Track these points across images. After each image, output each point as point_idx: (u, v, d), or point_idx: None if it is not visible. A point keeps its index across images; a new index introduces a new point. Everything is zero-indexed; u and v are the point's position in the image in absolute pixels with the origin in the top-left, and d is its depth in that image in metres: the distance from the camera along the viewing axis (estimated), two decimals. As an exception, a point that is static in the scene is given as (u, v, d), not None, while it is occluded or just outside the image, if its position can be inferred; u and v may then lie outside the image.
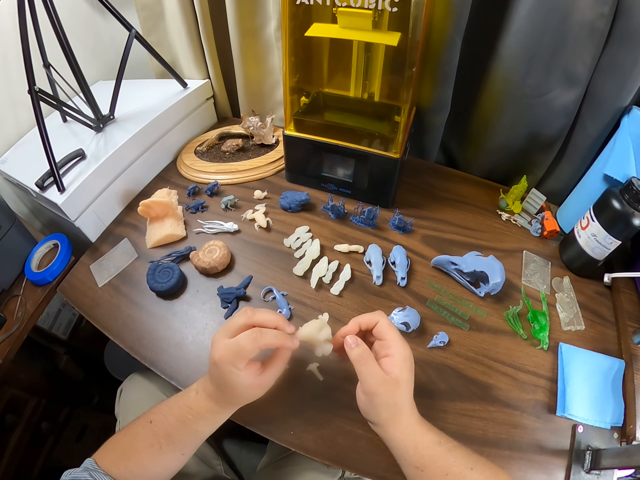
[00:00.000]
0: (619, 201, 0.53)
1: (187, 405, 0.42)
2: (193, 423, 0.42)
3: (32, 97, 0.63)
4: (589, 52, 0.56)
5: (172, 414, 0.42)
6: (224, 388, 0.41)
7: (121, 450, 0.42)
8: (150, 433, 0.42)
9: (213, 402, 0.42)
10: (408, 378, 0.39)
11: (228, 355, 0.38)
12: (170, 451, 0.42)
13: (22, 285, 0.70)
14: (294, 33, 0.59)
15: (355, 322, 0.42)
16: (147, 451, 0.41)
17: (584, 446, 0.47)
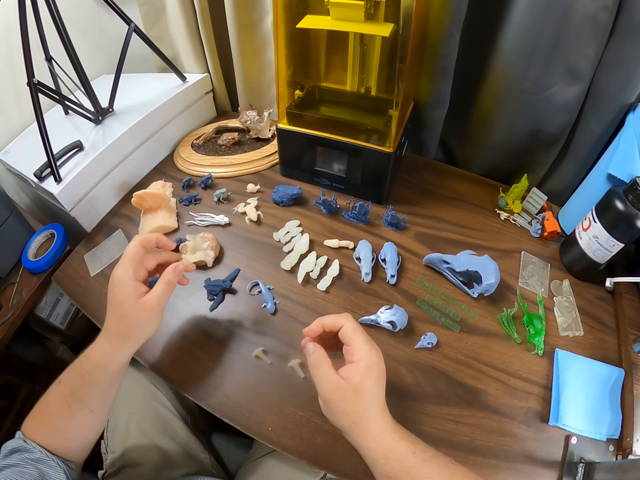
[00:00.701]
0: (623, 202, 0.50)
1: (85, 356, 0.43)
2: (89, 374, 0.42)
3: (31, 89, 0.64)
4: (592, 46, 0.54)
5: (74, 369, 0.43)
6: (114, 310, 0.43)
7: (38, 417, 0.42)
8: (58, 393, 0.42)
9: (106, 342, 0.43)
10: (372, 386, 0.37)
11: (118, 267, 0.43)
12: (78, 409, 0.42)
13: (19, 273, 0.71)
14: (287, 25, 0.59)
15: (319, 323, 0.40)
16: (58, 413, 0.42)
17: (576, 458, 0.44)
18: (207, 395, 0.49)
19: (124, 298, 0.42)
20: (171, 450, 0.58)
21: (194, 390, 0.50)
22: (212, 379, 0.51)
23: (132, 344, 0.45)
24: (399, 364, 0.51)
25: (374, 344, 0.39)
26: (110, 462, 0.57)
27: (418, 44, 0.60)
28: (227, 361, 0.52)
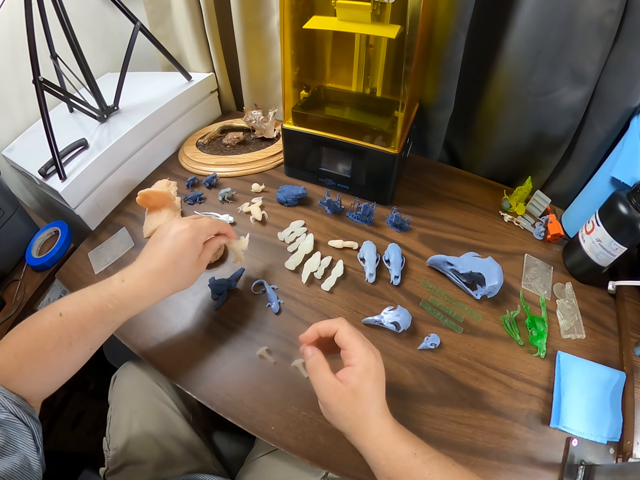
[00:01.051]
0: (626, 206, 0.50)
1: (110, 294, 0.42)
2: (113, 313, 0.41)
3: (37, 87, 0.64)
4: (598, 49, 0.54)
5: (90, 304, 0.41)
6: (176, 257, 0.45)
7: (24, 353, 0.38)
8: (60, 327, 0.39)
9: (145, 284, 0.44)
10: (371, 388, 0.37)
11: (197, 225, 0.48)
12: (80, 347, 0.40)
13: (23, 270, 0.71)
14: (293, 26, 0.59)
15: (314, 329, 0.40)
16: (55, 350, 0.39)
17: (577, 460, 0.45)
18: (210, 393, 0.49)
19: (191, 252, 0.47)
20: (173, 448, 0.58)
21: (197, 388, 0.50)
22: (215, 377, 0.51)
23: (168, 293, 0.47)
24: (402, 365, 0.51)
25: (371, 346, 0.40)
26: (112, 459, 0.57)
27: (424, 45, 0.60)
28: (230, 360, 0.52)
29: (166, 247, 0.46)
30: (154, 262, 0.45)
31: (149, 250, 0.47)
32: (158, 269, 0.45)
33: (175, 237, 0.46)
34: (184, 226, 0.47)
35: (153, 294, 0.45)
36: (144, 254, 0.47)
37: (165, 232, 0.47)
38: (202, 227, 0.48)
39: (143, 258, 0.46)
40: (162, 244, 0.46)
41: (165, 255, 0.45)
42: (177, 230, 0.47)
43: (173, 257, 0.45)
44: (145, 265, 0.45)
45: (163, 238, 0.47)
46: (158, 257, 0.45)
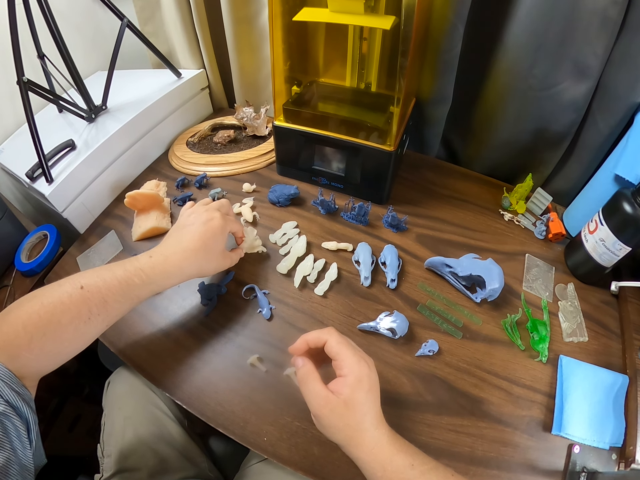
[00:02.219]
0: (631, 204, 0.49)
1: (138, 268, 0.42)
2: (139, 287, 0.42)
3: (21, 88, 0.62)
4: (601, 42, 0.52)
5: (115, 277, 0.41)
6: (208, 240, 0.48)
7: (36, 327, 0.36)
8: (80, 300, 0.38)
9: (174, 262, 0.45)
10: (364, 398, 0.36)
11: (224, 217, 0.51)
12: (98, 322, 0.40)
13: (12, 276, 0.70)
14: (283, 18, 0.57)
15: (303, 341, 0.39)
16: (72, 324, 0.37)
17: (579, 467, 0.43)
18: (200, 403, 0.48)
19: (221, 240, 0.50)
20: (168, 455, 0.57)
21: (186, 398, 0.48)
22: (205, 386, 0.49)
23: (194, 274, 0.49)
24: (399, 373, 0.50)
25: (363, 355, 0.39)
26: (107, 466, 0.57)
27: (420, 37, 0.58)
28: (221, 368, 0.51)
29: (199, 229, 0.48)
30: (185, 241, 0.47)
31: (176, 233, 0.49)
32: (189, 247, 0.47)
33: (207, 222, 0.49)
34: (215, 214, 0.50)
35: (181, 271, 0.46)
36: (170, 237, 0.49)
37: (194, 218, 0.50)
38: (229, 221, 0.52)
39: (170, 239, 0.49)
40: (193, 227, 0.48)
41: (198, 236, 0.47)
42: (209, 217, 0.49)
43: (205, 239, 0.48)
44: (175, 245, 0.47)
45: (193, 224, 0.49)
46: (191, 237, 0.47)
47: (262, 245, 0.62)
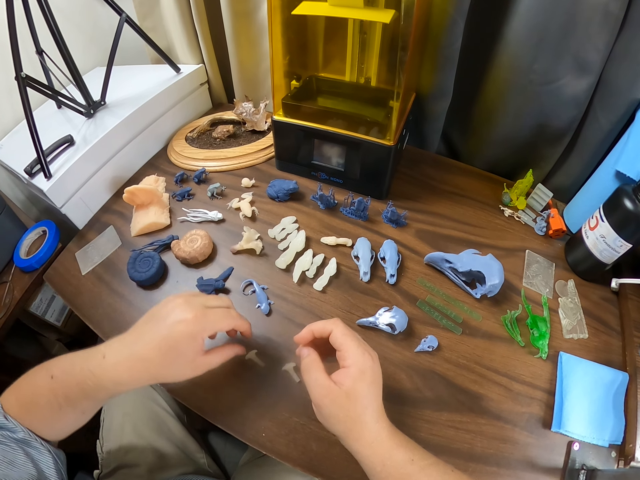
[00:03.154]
0: (632, 201, 0.48)
1: (90, 370, 0.37)
2: (92, 390, 0.38)
3: (19, 83, 0.62)
4: (602, 37, 0.52)
5: (73, 375, 0.38)
6: (166, 351, 0.38)
7: (23, 402, 0.39)
8: (49, 390, 0.38)
9: (125, 369, 0.38)
10: (366, 391, 0.36)
11: (204, 319, 0.39)
12: (70, 412, 0.39)
13: (11, 272, 0.70)
14: (282, 12, 0.56)
15: (308, 330, 0.40)
16: (47, 407, 0.38)
17: (578, 465, 0.43)
18: (199, 399, 0.48)
19: (186, 349, 0.39)
20: (167, 450, 0.58)
21: (185, 394, 0.48)
22: (203, 382, 0.49)
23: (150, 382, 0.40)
24: (398, 368, 0.49)
25: (367, 347, 0.39)
26: (106, 462, 0.57)
27: (420, 32, 0.58)
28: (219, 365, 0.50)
29: (159, 333, 0.39)
30: (140, 346, 0.39)
31: (141, 327, 0.41)
32: (142, 355, 0.38)
33: (172, 326, 0.39)
34: (187, 315, 0.39)
35: (133, 381, 0.39)
36: (135, 328, 0.41)
37: (166, 312, 0.40)
38: (208, 322, 0.40)
39: (133, 335, 0.40)
40: (156, 327, 0.39)
41: (155, 343, 0.38)
42: (177, 319, 0.39)
43: (163, 348, 0.38)
44: (130, 346, 0.39)
45: (160, 320, 0.40)
46: (147, 341, 0.39)
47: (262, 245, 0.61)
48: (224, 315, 0.42)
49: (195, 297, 0.42)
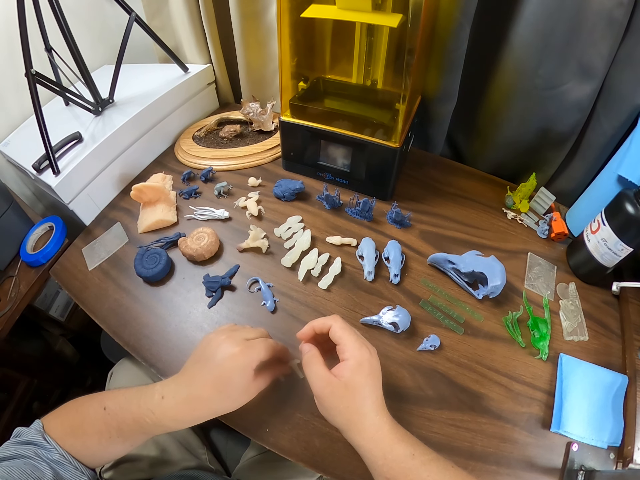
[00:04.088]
0: (633, 205, 0.49)
1: (149, 409, 0.39)
2: (150, 427, 0.39)
3: (29, 80, 0.63)
4: (606, 43, 0.52)
5: (130, 411, 0.39)
6: (222, 387, 0.39)
7: (70, 427, 0.40)
8: (101, 421, 0.39)
9: (186, 410, 0.39)
10: (364, 382, 0.37)
11: (249, 352, 0.40)
12: (119, 443, 0.40)
13: (18, 266, 0.70)
14: (291, 15, 0.57)
15: (310, 326, 0.41)
16: (95, 436, 0.39)
17: (577, 466, 0.44)
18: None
19: (240, 381, 0.40)
20: (169, 445, 0.58)
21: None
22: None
23: (208, 418, 0.41)
24: (400, 367, 0.50)
25: (365, 341, 0.40)
26: (109, 457, 0.57)
27: (427, 36, 0.58)
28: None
29: (212, 372, 0.40)
30: (197, 387, 0.39)
31: (191, 368, 0.42)
32: (201, 396, 0.39)
33: (223, 363, 0.40)
34: (234, 350, 0.40)
35: (194, 419, 0.40)
36: (187, 369, 0.42)
37: (212, 351, 0.41)
38: (255, 354, 0.41)
39: (186, 376, 0.41)
40: (207, 366, 0.40)
41: (210, 382, 0.39)
42: (226, 355, 0.40)
43: (219, 387, 0.39)
44: (186, 387, 0.40)
45: (209, 359, 0.40)
46: (202, 382, 0.39)
47: (268, 244, 0.62)
48: (266, 346, 0.42)
49: (235, 331, 0.43)
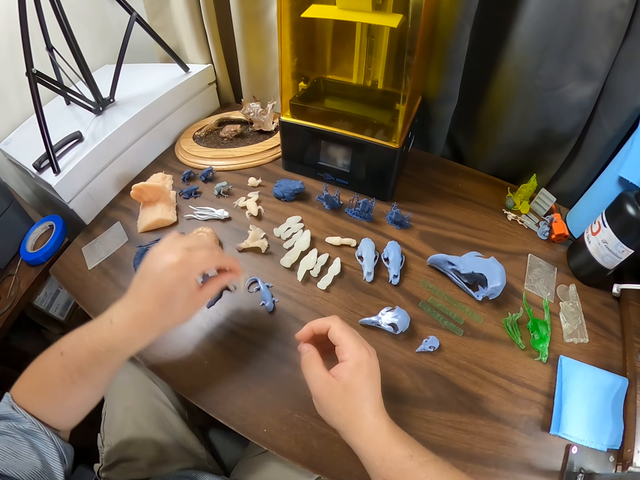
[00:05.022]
0: (634, 207, 0.49)
1: (101, 338, 0.39)
2: (105, 356, 0.39)
3: (30, 79, 0.63)
4: (607, 44, 0.52)
5: (84, 347, 0.39)
6: (164, 300, 0.40)
7: (34, 386, 0.40)
8: (61, 366, 0.39)
9: (134, 328, 0.40)
10: (362, 383, 0.37)
11: (190, 260, 0.40)
12: (83, 385, 0.40)
13: (18, 265, 0.70)
14: (292, 15, 0.57)
15: (309, 327, 0.41)
16: (60, 385, 0.39)
17: (576, 468, 0.43)
18: (202, 394, 0.48)
19: (181, 292, 0.40)
20: (167, 445, 0.57)
21: (188, 388, 0.49)
22: (207, 377, 0.50)
23: (161, 333, 0.42)
24: (399, 368, 0.50)
25: (364, 342, 0.39)
26: (107, 456, 0.57)
27: (427, 36, 0.58)
28: (222, 360, 0.51)
29: (154, 286, 0.40)
30: (141, 304, 0.40)
31: (137, 286, 0.42)
32: (145, 312, 0.40)
33: (162, 275, 0.40)
34: (172, 260, 0.40)
35: (143, 337, 0.41)
36: (133, 287, 0.42)
37: (154, 264, 0.41)
38: (195, 264, 0.41)
39: (132, 295, 0.42)
40: (150, 280, 0.41)
41: (153, 297, 0.40)
42: (165, 266, 0.40)
43: (161, 300, 0.40)
44: (132, 306, 0.41)
45: (150, 273, 0.41)
46: (145, 298, 0.40)
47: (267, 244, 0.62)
48: (209, 256, 0.42)
49: (176, 240, 0.43)
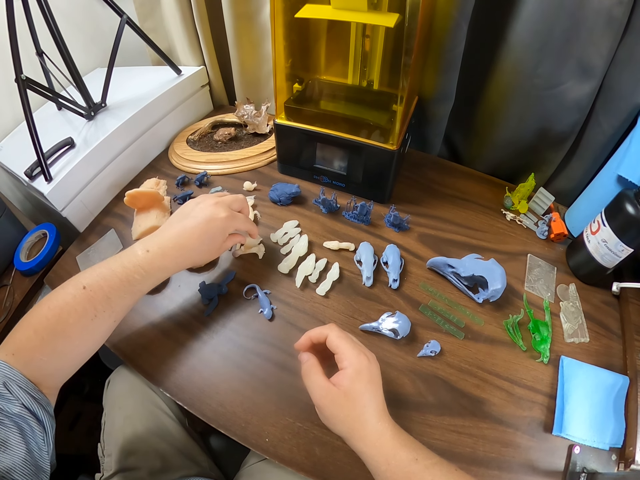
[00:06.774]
0: (633, 205, 0.49)
1: (137, 265, 0.44)
2: (140, 283, 0.44)
3: (19, 85, 0.62)
4: (606, 42, 0.52)
5: (116, 276, 0.42)
6: (205, 239, 0.48)
7: (46, 329, 0.39)
8: (85, 300, 0.40)
9: (170, 257, 0.46)
10: (363, 390, 0.37)
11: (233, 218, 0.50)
12: (105, 318, 0.42)
13: (12, 275, 0.69)
14: (285, 15, 0.56)
15: (307, 337, 0.41)
16: (79, 322, 0.40)
17: (579, 468, 0.44)
18: (201, 404, 0.48)
19: (219, 238, 0.50)
20: (168, 453, 0.57)
21: (188, 398, 0.48)
22: (206, 387, 0.49)
23: (187, 267, 0.53)
24: (401, 373, 0.50)
25: (363, 348, 0.40)
26: (107, 465, 0.57)
27: (424, 35, 0.57)
28: (222, 369, 0.50)
29: (200, 227, 0.48)
30: (184, 237, 0.47)
31: (177, 223, 0.48)
32: (187, 245, 0.47)
33: (209, 222, 0.48)
34: (221, 214, 0.49)
35: (176, 266, 0.48)
36: (170, 228, 0.48)
37: (199, 211, 0.49)
38: (235, 222, 0.51)
39: (170, 231, 0.48)
40: (196, 222, 0.48)
41: (197, 235, 0.47)
42: (215, 216, 0.48)
43: (204, 239, 0.48)
44: (173, 239, 0.47)
45: (196, 217, 0.48)
46: (190, 234, 0.47)
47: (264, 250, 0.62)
48: (245, 220, 0.53)
49: (222, 198, 0.52)
